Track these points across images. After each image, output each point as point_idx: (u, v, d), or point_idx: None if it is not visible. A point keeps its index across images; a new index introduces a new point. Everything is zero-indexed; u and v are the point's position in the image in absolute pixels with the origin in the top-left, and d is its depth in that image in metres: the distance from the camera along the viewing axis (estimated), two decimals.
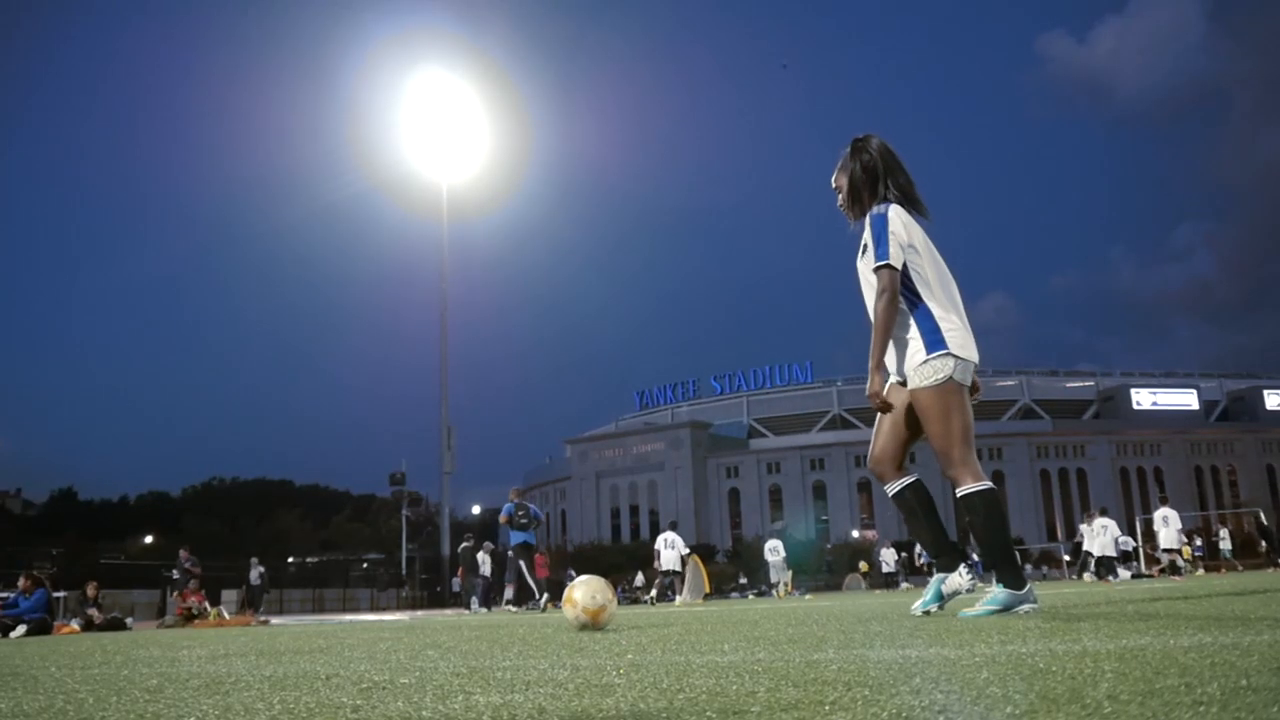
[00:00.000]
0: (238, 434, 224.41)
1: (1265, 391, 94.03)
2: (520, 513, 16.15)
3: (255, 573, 26.15)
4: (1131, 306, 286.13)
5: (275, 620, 16.42)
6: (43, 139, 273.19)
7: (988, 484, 3.86)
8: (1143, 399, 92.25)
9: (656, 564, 21.63)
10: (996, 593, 3.85)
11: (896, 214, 4.01)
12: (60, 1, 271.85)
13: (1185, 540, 21.97)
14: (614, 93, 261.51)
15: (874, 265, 3.93)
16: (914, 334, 3.95)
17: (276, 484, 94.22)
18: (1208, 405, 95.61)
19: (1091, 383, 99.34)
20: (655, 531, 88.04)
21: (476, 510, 70.92)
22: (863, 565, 47.49)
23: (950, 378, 3.85)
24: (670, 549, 21.23)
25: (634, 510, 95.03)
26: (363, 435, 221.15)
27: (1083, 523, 24.87)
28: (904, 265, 3.95)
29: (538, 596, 16.05)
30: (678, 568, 21.26)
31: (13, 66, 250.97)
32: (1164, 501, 21.18)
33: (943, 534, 4.24)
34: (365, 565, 55.16)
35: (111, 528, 68.94)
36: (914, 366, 3.93)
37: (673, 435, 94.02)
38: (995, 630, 3.06)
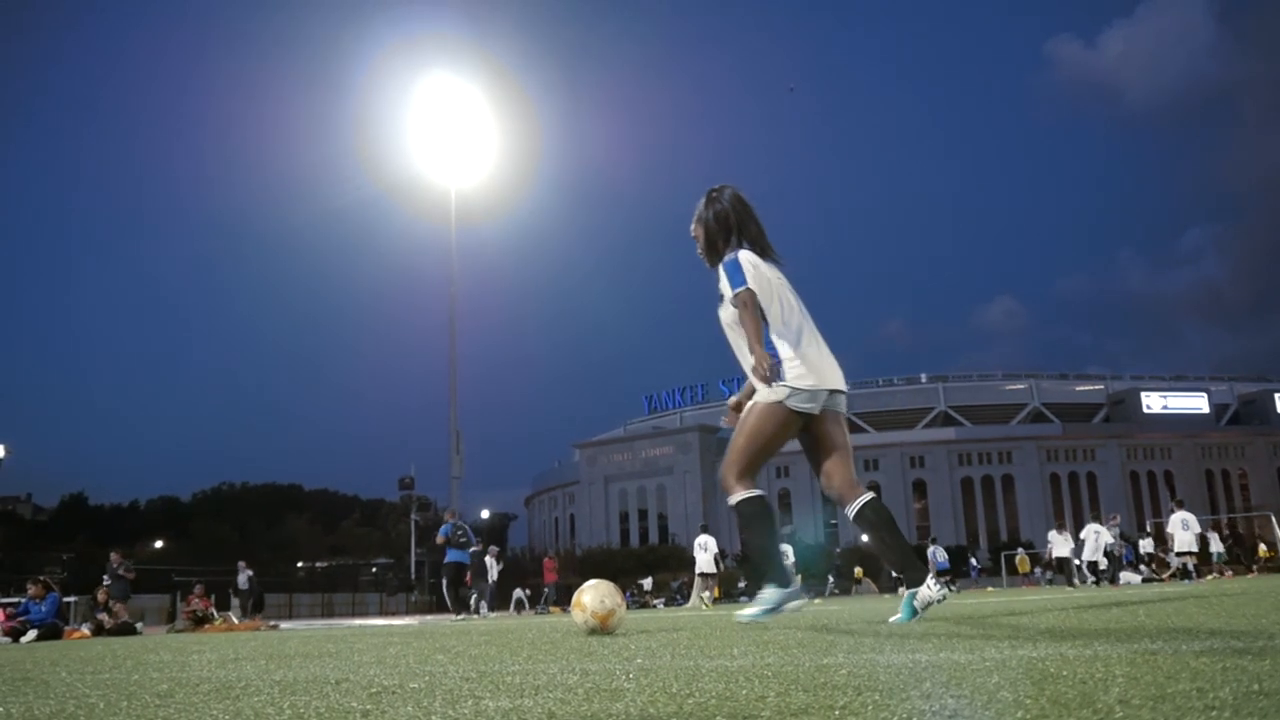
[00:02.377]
0: (247, 439, 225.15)
1: (1276, 395, 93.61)
2: (459, 533, 16.77)
3: (243, 577, 26.12)
4: (1141, 310, 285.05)
5: (284, 625, 16.45)
6: (49, 144, 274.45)
7: (757, 492, 4.11)
8: (1153, 402, 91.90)
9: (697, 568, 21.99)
10: (770, 592, 4.14)
11: (746, 256, 4.21)
12: (64, 3, 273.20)
13: (1199, 545, 21.84)
14: (623, 97, 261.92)
15: (733, 291, 4.12)
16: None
17: (286, 489, 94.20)
18: (1218, 409, 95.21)
19: (1101, 386, 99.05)
20: (664, 536, 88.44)
21: (485, 515, 70.86)
22: (858, 571, 47.46)
23: (781, 402, 4.05)
24: (704, 551, 21.49)
25: (643, 514, 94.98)
26: (371, 440, 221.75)
27: (1053, 529, 24.42)
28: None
29: (470, 608, 16.89)
30: (711, 569, 21.53)
31: (16, 69, 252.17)
32: (1180, 505, 21.06)
33: (908, 549, 4.33)
34: (374, 570, 55.18)
35: (122, 533, 69.05)
36: (759, 386, 4.15)
37: (681, 439, 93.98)
38: (1006, 635, 3.06)
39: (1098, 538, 23.61)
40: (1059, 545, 23.01)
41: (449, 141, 33.55)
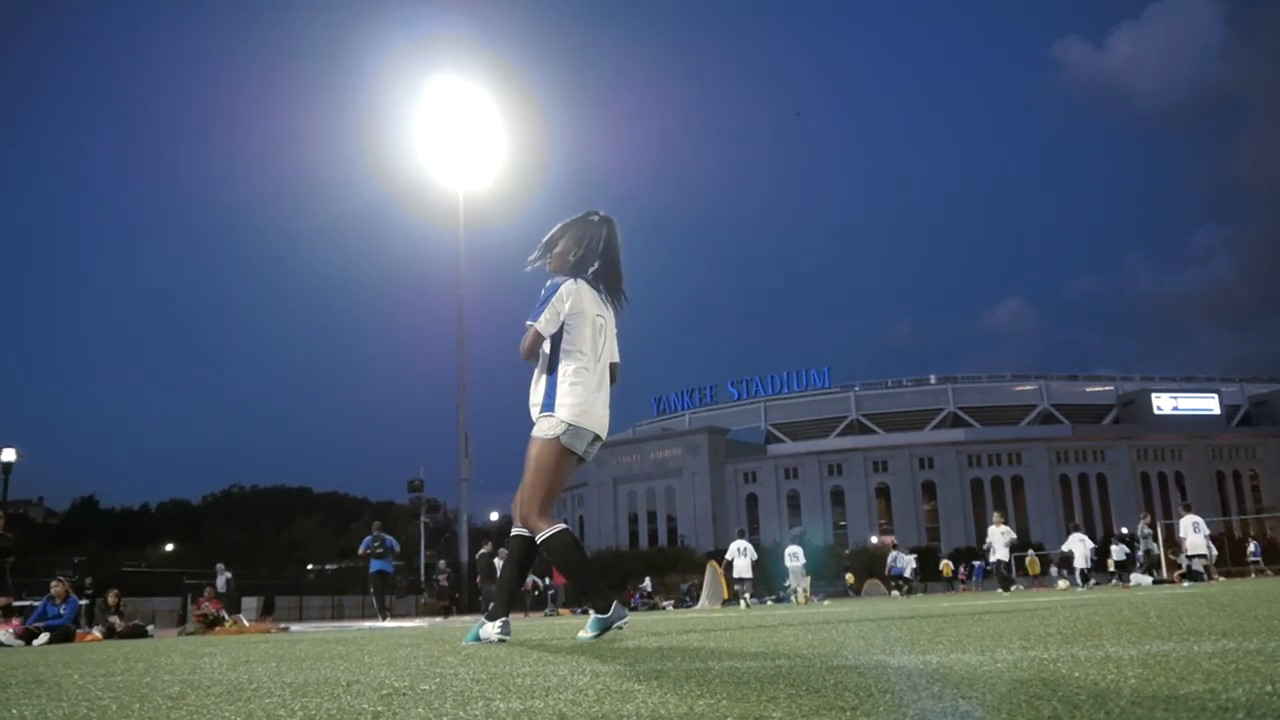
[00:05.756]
0: (257, 442, 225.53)
1: None
2: (377, 545, 18.36)
3: (222, 579, 25.93)
4: (1150, 311, 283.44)
5: (295, 627, 16.50)
6: (56, 148, 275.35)
7: (560, 527, 4.25)
8: (1163, 403, 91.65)
9: (732, 572, 22.42)
10: (592, 619, 4.20)
11: (570, 290, 4.34)
12: (68, 4, 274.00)
13: (1213, 547, 21.68)
14: (631, 99, 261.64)
15: (530, 318, 4.31)
16: (542, 394, 4.36)
17: (295, 491, 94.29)
18: (1229, 410, 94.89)
19: (1111, 387, 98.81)
20: (673, 538, 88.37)
21: (494, 517, 70.84)
22: (849, 576, 47.42)
23: (558, 438, 4.24)
24: (744, 556, 21.86)
25: (651, 516, 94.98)
26: (381, 443, 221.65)
27: (992, 523, 22.04)
28: (559, 332, 4.35)
29: (386, 614, 18.19)
30: (750, 574, 21.94)
31: (17, 70, 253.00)
32: (1188, 509, 20.96)
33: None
34: None
35: (133, 535, 69.31)
36: (535, 418, 4.35)
37: (690, 441, 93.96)
38: (1017, 636, 3.05)
39: (1083, 544, 24.40)
40: (998, 545, 21.25)
41: (457, 144, 33.57)
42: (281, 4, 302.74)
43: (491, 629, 4.35)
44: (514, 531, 4.46)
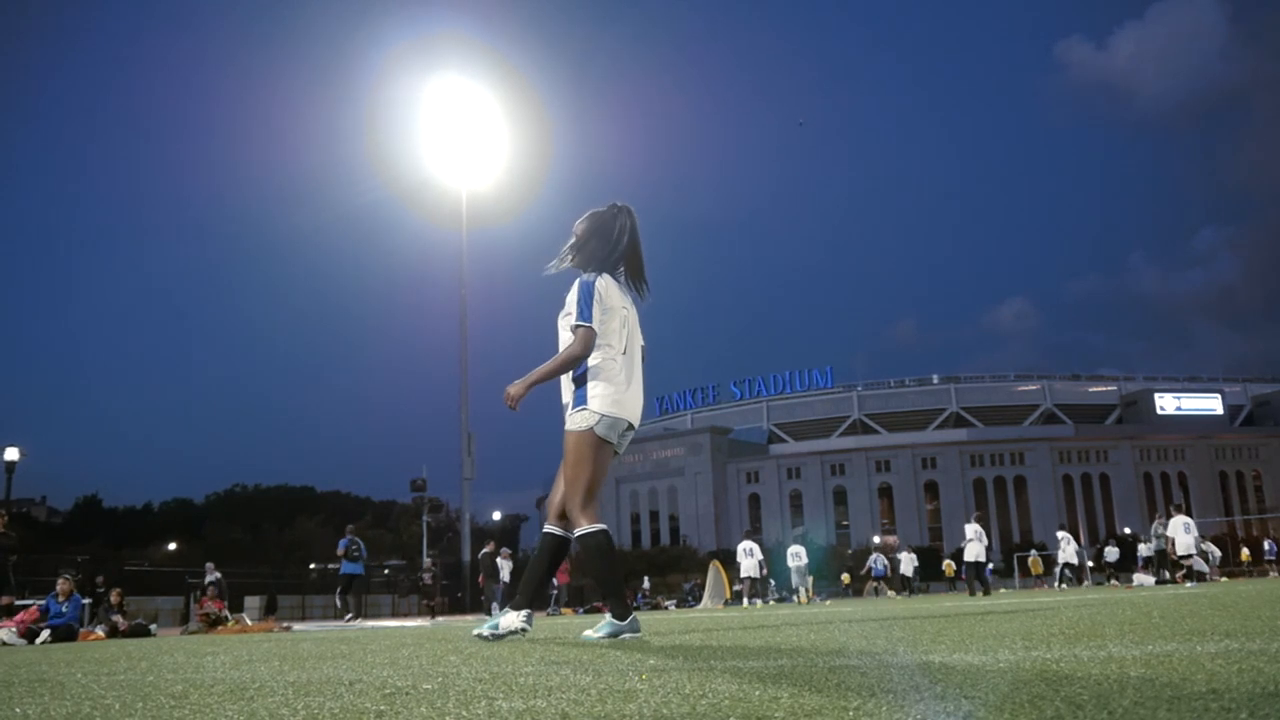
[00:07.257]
0: (260, 442, 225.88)
1: None
2: (354, 548, 19.07)
3: (211, 578, 25.78)
4: (1153, 311, 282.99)
5: (297, 626, 16.51)
6: (58, 147, 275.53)
7: (600, 526, 4.26)
8: (1166, 404, 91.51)
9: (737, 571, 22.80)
10: (606, 621, 4.21)
11: (604, 285, 4.41)
12: (70, 4, 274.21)
13: (1204, 548, 21.82)
14: (634, 99, 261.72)
15: (574, 324, 4.33)
16: (574, 391, 4.41)
17: (298, 490, 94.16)
18: (1232, 410, 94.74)
19: (1114, 387, 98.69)
20: (675, 537, 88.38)
21: (497, 516, 71.03)
22: (845, 577, 47.52)
23: (592, 429, 4.30)
24: (749, 557, 22.07)
25: (654, 516, 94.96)
26: (383, 442, 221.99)
27: (970, 522, 21.13)
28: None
29: (351, 613, 18.91)
30: (755, 574, 22.23)
31: (17, 69, 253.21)
32: (1178, 510, 20.97)
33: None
34: (386, 571, 55.26)
35: (136, 535, 69.37)
36: (568, 414, 4.40)
37: (692, 441, 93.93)
38: (1019, 636, 3.05)
39: (1068, 544, 25.00)
40: (972, 546, 20.47)
41: (460, 143, 33.54)
42: (284, 3, 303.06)
43: (515, 617, 4.36)
44: (545, 528, 4.48)
